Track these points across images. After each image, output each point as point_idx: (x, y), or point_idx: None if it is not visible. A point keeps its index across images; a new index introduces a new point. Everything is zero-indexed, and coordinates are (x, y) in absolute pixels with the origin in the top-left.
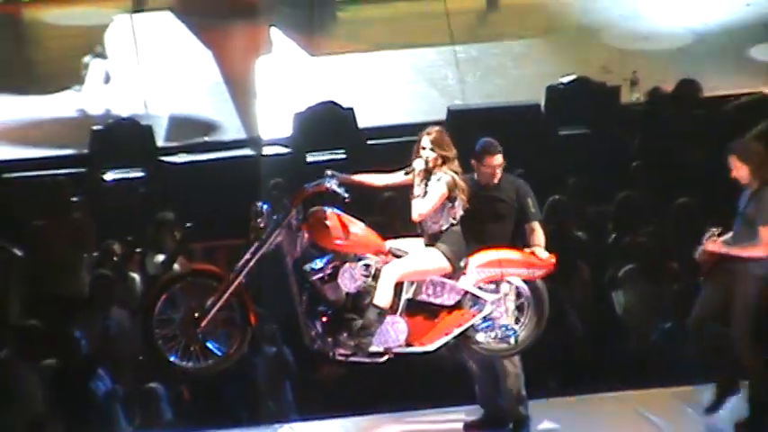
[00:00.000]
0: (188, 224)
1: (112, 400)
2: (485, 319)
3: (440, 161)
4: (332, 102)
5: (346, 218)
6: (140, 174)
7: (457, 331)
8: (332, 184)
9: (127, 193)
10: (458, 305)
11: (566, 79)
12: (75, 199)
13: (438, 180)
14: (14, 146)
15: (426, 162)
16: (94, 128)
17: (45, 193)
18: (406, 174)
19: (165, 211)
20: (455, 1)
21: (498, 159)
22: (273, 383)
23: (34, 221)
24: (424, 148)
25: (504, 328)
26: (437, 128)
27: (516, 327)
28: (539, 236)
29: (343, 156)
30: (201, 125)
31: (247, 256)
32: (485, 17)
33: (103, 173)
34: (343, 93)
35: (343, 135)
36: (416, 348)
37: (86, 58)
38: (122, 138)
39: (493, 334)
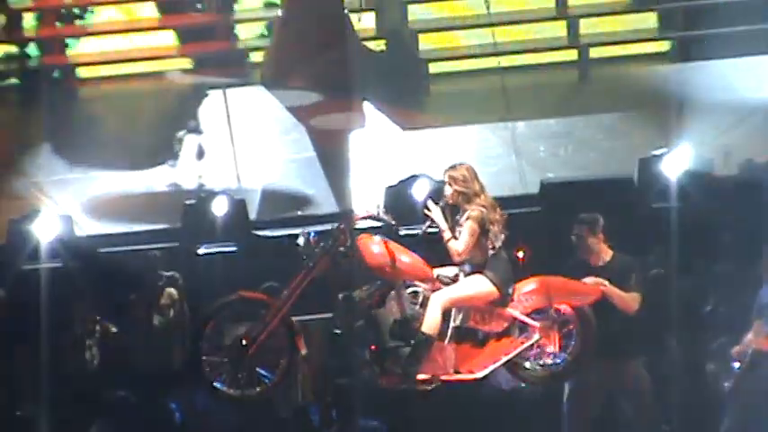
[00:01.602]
0: None
1: None
2: (533, 346)
3: (460, 198)
4: (424, 175)
5: (393, 245)
6: (233, 247)
7: (505, 358)
8: (378, 212)
9: (220, 267)
10: (506, 332)
11: (658, 152)
12: (168, 273)
13: (467, 218)
14: (109, 221)
15: (444, 198)
16: (187, 202)
17: (139, 268)
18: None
19: (271, 282)
20: (547, 74)
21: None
22: None
23: (128, 296)
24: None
25: (552, 356)
26: (459, 164)
27: (564, 354)
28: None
29: (435, 230)
30: (294, 199)
31: (294, 282)
32: (577, 90)
33: (197, 247)
34: (435, 166)
35: None
36: (464, 375)
37: (180, 133)
38: (215, 211)
39: (541, 361)
